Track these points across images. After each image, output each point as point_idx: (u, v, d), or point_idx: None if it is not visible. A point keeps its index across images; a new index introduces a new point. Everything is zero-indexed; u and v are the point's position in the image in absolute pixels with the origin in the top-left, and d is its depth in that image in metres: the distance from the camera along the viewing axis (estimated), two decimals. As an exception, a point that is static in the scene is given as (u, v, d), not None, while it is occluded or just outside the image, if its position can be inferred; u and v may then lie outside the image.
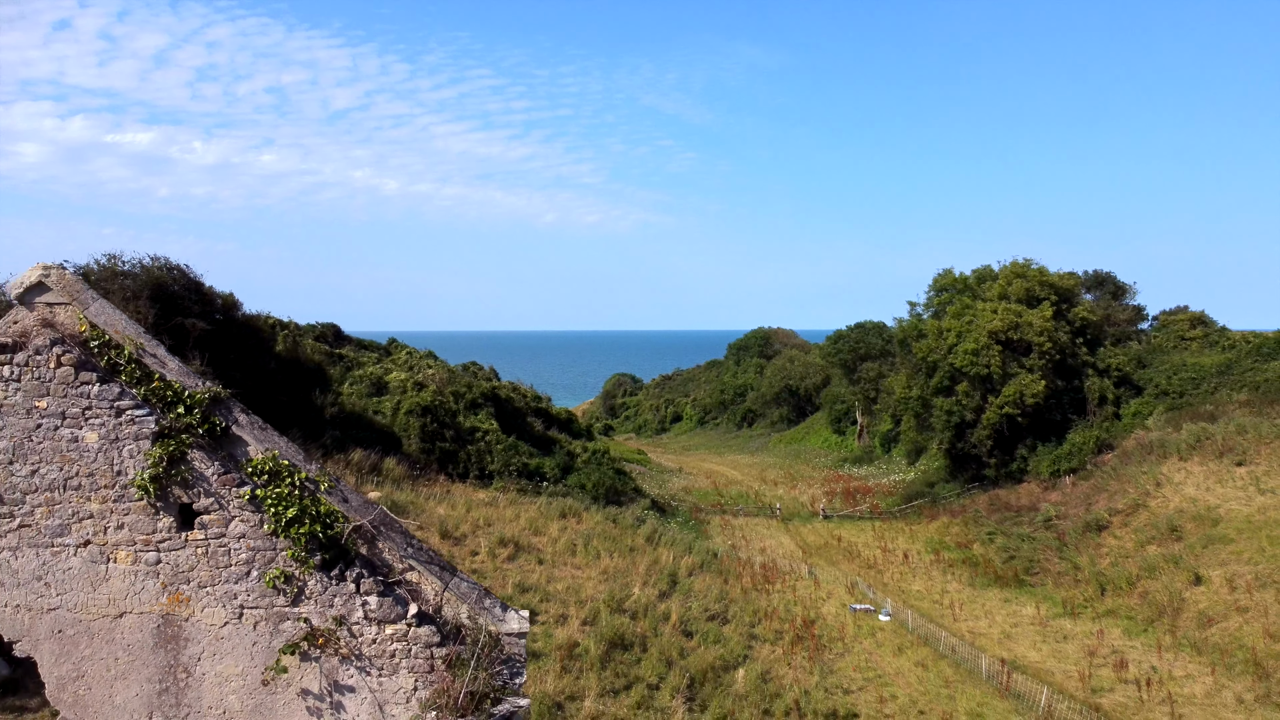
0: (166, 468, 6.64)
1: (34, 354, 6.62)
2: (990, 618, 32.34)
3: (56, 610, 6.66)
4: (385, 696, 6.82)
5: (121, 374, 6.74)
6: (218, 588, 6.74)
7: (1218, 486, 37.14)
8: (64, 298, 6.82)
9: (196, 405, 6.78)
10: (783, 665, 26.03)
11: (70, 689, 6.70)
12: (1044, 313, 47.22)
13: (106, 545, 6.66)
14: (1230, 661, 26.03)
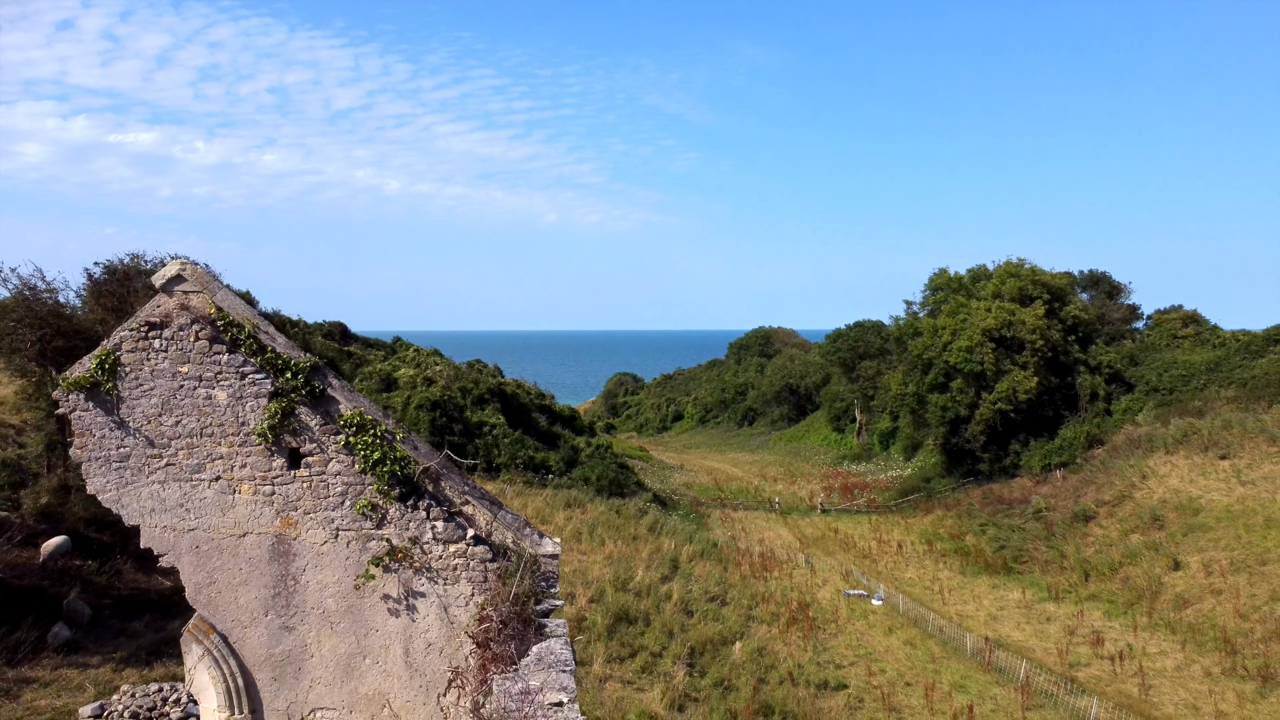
0: (280, 420, 8.62)
1: (177, 330, 8.60)
2: (978, 602, 34.30)
3: (194, 531, 8.63)
4: (449, 600, 8.79)
5: (242, 347, 8.71)
6: (319, 514, 8.71)
7: (1201, 479, 39.10)
8: (196, 287, 8.80)
9: (300, 371, 8.75)
10: (778, 643, 28.00)
11: (205, 592, 8.67)
12: (1036, 311, 49.17)
13: (233, 480, 8.63)
14: (1201, 639, 27.99)
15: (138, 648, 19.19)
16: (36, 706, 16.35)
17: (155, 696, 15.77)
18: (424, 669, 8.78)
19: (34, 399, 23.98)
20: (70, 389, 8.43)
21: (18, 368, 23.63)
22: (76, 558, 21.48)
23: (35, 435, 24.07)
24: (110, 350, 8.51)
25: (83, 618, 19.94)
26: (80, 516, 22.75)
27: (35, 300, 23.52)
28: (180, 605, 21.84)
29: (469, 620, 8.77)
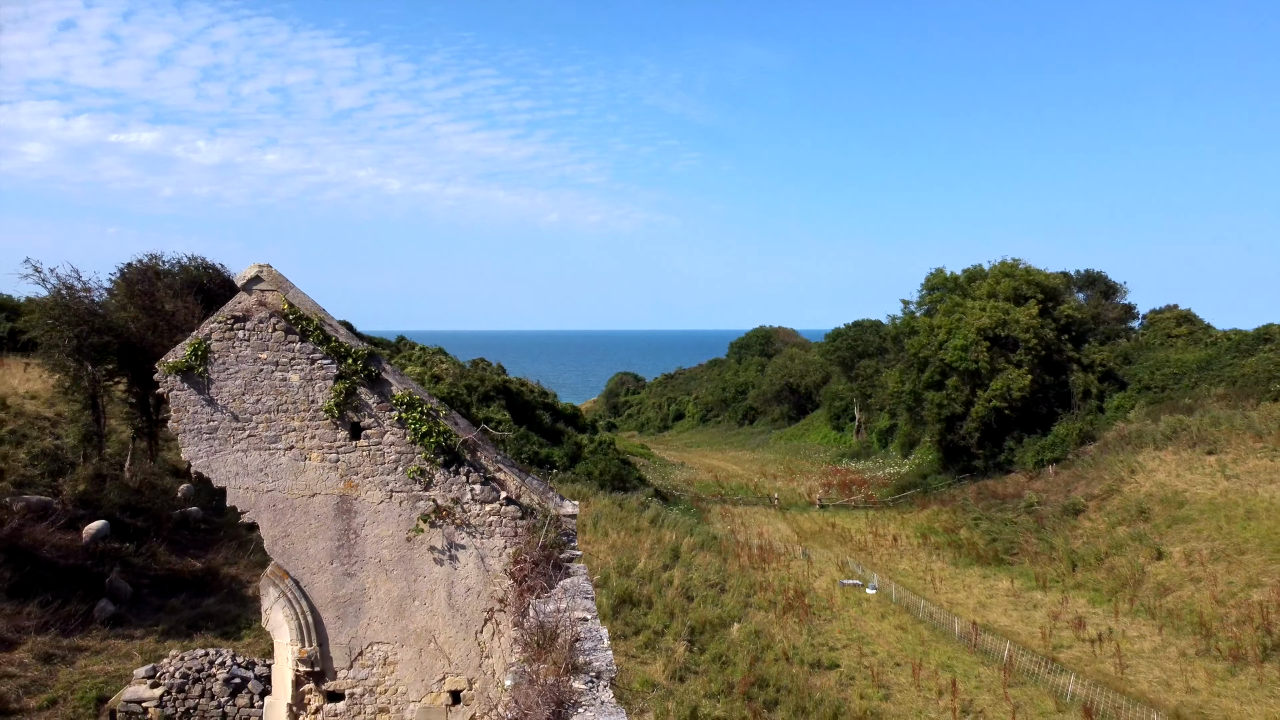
0: (343, 398, 10.35)
1: (257, 323, 10.34)
2: (968, 590, 36.05)
3: (271, 492, 10.37)
4: (485, 551, 10.54)
5: (310, 337, 10.45)
6: (376, 478, 10.44)
7: (1187, 473, 40.86)
8: (272, 286, 10.55)
9: (359, 358, 10.49)
10: (774, 627, 29.73)
11: (280, 544, 10.41)
12: (1030, 310, 50.92)
13: (304, 449, 10.37)
14: (1179, 624, 29.73)
15: (177, 621, 20.97)
16: (91, 671, 18.13)
17: (202, 660, 17.59)
18: (464, 609, 10.53)
19: (71, 392, 25.75)
20: (169, 371, 10.17)
21: (56, 363, 25.37)
22: (114, 541, 23.22)
23: (72, 427, 25.81)
24: (202, 339, 10.26)
25: (124, 595, 21.70)
26: (115, 503, 24.50)
27: (73, 299, 25.29)
28: (211, 586, 23.62)
29: (503, 568, 10.52)
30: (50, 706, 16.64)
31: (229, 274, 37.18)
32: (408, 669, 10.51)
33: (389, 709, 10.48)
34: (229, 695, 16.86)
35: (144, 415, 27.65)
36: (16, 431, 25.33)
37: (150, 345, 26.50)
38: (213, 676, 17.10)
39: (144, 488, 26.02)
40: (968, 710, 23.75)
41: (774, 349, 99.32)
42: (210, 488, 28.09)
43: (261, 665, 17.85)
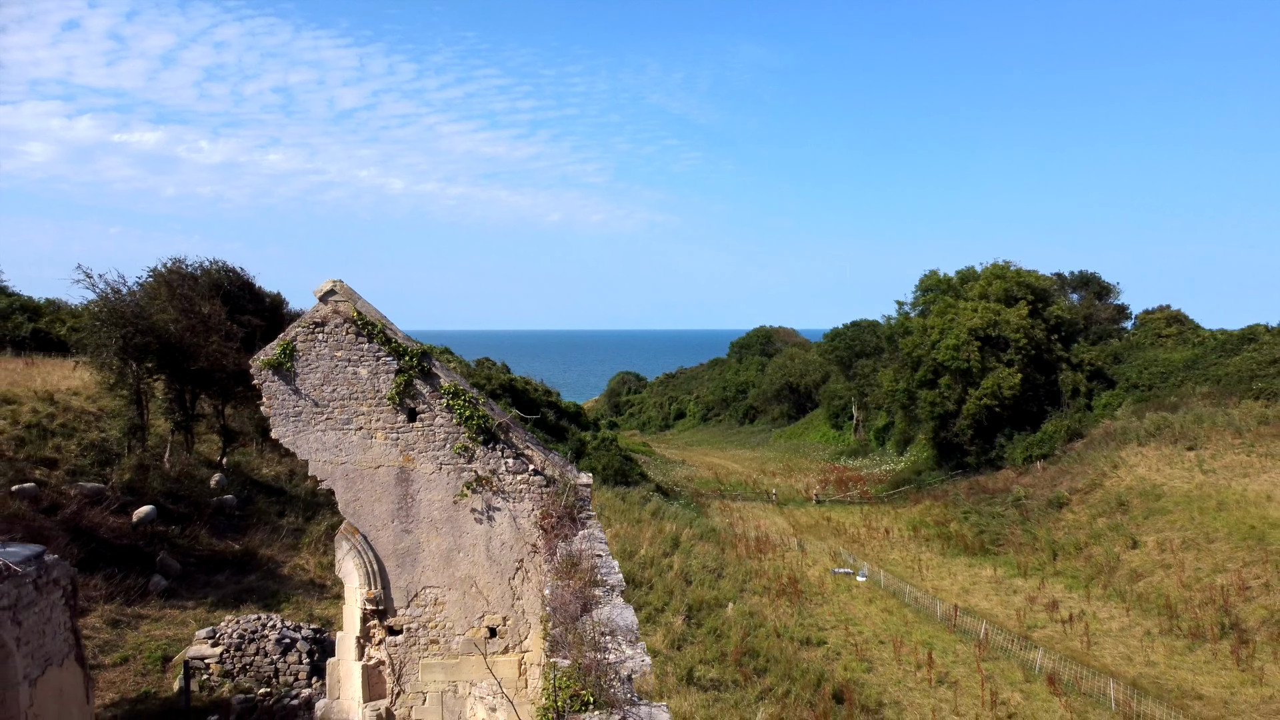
0: (402, 388, 13.04)
1: (333, 328, 13.04)
2: (953, 578, 38.76)
3: (344, 464, 13.06)
4: (516, 513, 13.24)
5: (375, 338, 13.13)
6: (428, 453, 13.13)
7: (1166, 468, 43.56)
8: (344, 298, 13.24)
9: (414, 356, 13.18)
10: (768, 608, 32.46)
11: (351, 506, 13.11)
12: (1020, 311, 53.58)
13: (371, 430, 13.06)
14: (1147, 606, 32.44)
15: (223, 594, 23.70)
16: (153, 634, 20.88)
17: (254, 623, 20.37)
18: (499, 560, 13.24)
19: (116, 388, 28.49)
20: (263, 366, 12.86)
21: (103, 362, 28.09)
22: (160, 524, 25.93)
23: (117, 421, 28.52)
24: (289, 340, 12.96)
25: (174, 571, 24.42)
26: (159, 490, 27.21)
27: (119, 302, 28.03)
28: (250, 565, 26.35)
29: (531, 526, 13.23)
30: (123, 663, 19.37)
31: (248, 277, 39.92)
32: (454, 608, 13.22)
33: (438, 640, 13.19)
34: (280, 653, 19.62)
35: (181, 410, 30.34)
36: (66, 425, 28.06)
37: (188, 345, 29.24)
38: (265, 637, 19.87)
39: (182, 477, 28.74)
40: (943, 680, 26.44)
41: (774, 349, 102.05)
42: (241, 478, 30.90)
43: (306, 629, 20.63)
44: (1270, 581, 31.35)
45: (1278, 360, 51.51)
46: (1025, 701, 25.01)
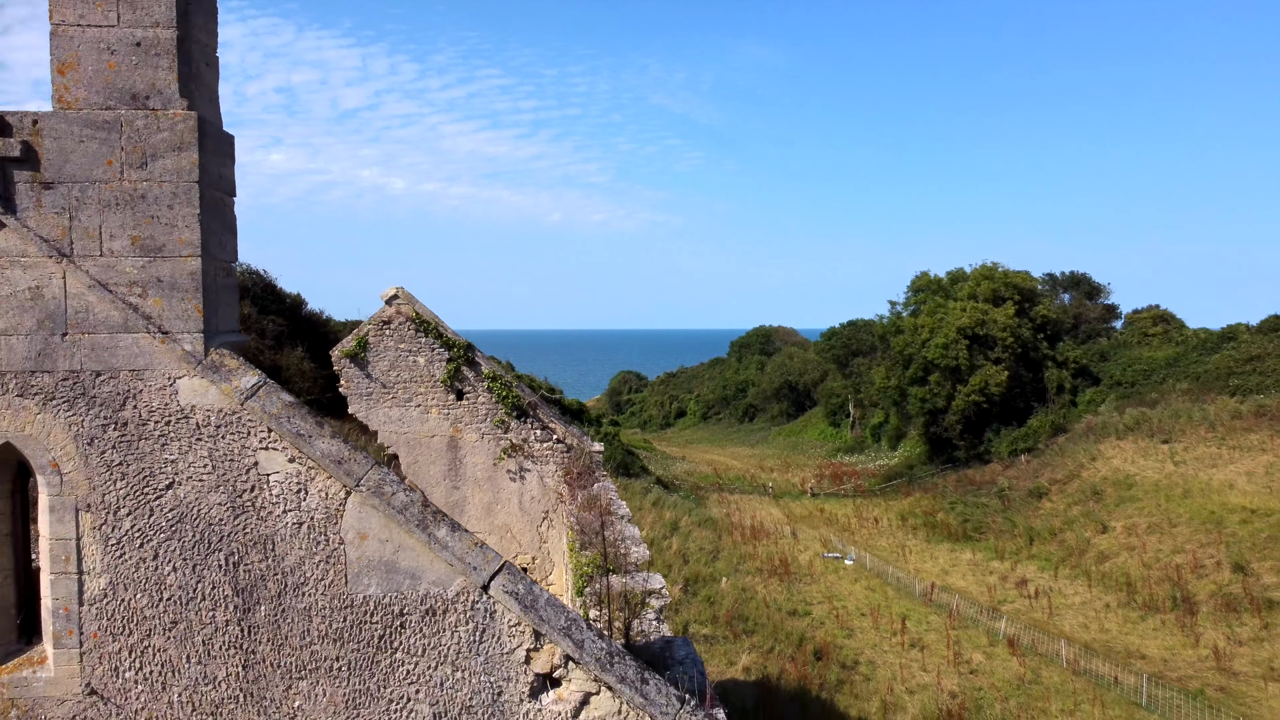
0: (452, 374, 16.82)
1: (397, 325, 16.83)
2: (935, 561, 42.55)
3: (406, 434, 16.85)
4: (543, 474, 17.02)
5: (430, 333, 16.91)
6: (473, 426, 16.91)
7: (1141, 459, 47.34)
8: (405, 301, 17.02)
9: (461, 347, 16.96)
10: (760, 586, 36.24)
11: (412, 468, 16.89)
12: (1008, 311, 57.37)
13: (426, 407, 16.84)
14: (1109, 583, 36.23)
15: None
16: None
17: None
18: (529, 511, 17.04)
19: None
20: (342, 355, 16.65)
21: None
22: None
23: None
24: (362, 335, 16.75)
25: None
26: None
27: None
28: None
29: (555, 484, 17.03)
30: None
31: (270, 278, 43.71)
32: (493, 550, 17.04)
33: (481, 576, 17.02)
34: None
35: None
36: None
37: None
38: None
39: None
40: (915, 644, 30.23)
41: (774, 348, 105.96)
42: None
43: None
44: (1221, 560, 35.13)
45: (1254, 358, 55.25)
46: (986, 661, 28.79)
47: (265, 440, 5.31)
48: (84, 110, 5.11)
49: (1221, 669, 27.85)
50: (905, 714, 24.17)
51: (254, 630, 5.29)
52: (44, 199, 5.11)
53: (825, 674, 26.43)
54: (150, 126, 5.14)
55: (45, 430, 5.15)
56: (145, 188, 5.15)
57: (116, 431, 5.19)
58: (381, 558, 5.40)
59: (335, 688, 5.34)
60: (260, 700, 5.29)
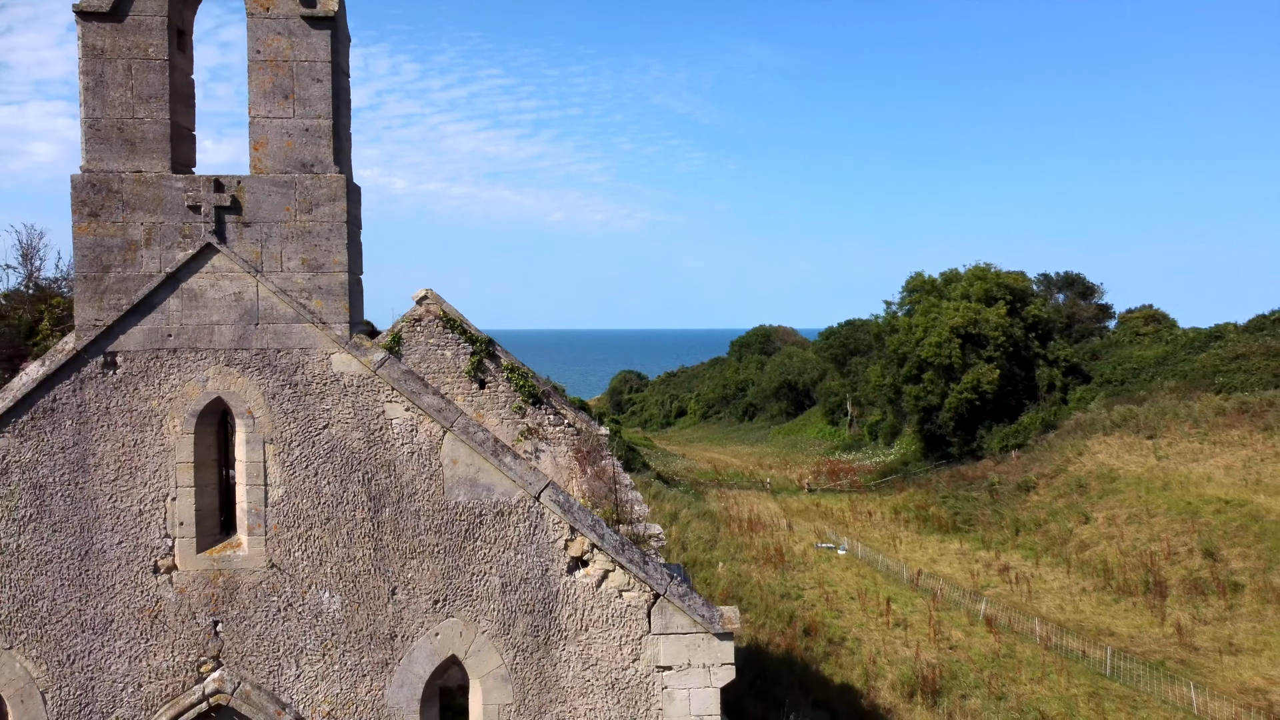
0: (475, 365, 19.50)
1: (426, 322, 19.52)
2: (924, 550, 45.23)
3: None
4: (555, 454, 19.71)
5: (455, 330, 19.60)
6: (494, 411, 19.59)
7: (1125, 454, 50.02)
8: (434, 301, 19.70)
9: (483, 342, 19.64)
10: (755, 573, 38.91)
11: (440, 448, 19.60)
12: (999, 310, 60.04)
13: (453, 395, 19.51)
14: (1087, 569, 38.90)
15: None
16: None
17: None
18: (544, 487, 19.75)
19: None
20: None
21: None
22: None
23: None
24: (396, 331, 19.44)
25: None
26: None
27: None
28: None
29: (566, 462, 19.73)
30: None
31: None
32: (511, 521, 19.75)
33: (501, 543, 19.74)
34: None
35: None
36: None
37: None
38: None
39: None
40: (899, 624, 32.91)
41: (773, 347, 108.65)
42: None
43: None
44: (1193, 548, 37.81)
45: (1240, 356, 58.00)
46: (965, 638, 31.48)
47: (389, 396, 8.02)
48: (271, 174, 7.82)
49: (1184, 644, 30.53)
50: (884, 680, 26.85)
51: (381, 525, 7.99)
52: (244, 233, 7.81)
53: (813, 646, 29.11)
54: (315, 185, 7.85)
55: (243, 388, 7.85)
56: (311, 226, 7.85)
57: (291, 389, 7.89)
58: (467, 476, 8.10)
59: (435, 564, 8.03)
60: (384, 572, 7.99)
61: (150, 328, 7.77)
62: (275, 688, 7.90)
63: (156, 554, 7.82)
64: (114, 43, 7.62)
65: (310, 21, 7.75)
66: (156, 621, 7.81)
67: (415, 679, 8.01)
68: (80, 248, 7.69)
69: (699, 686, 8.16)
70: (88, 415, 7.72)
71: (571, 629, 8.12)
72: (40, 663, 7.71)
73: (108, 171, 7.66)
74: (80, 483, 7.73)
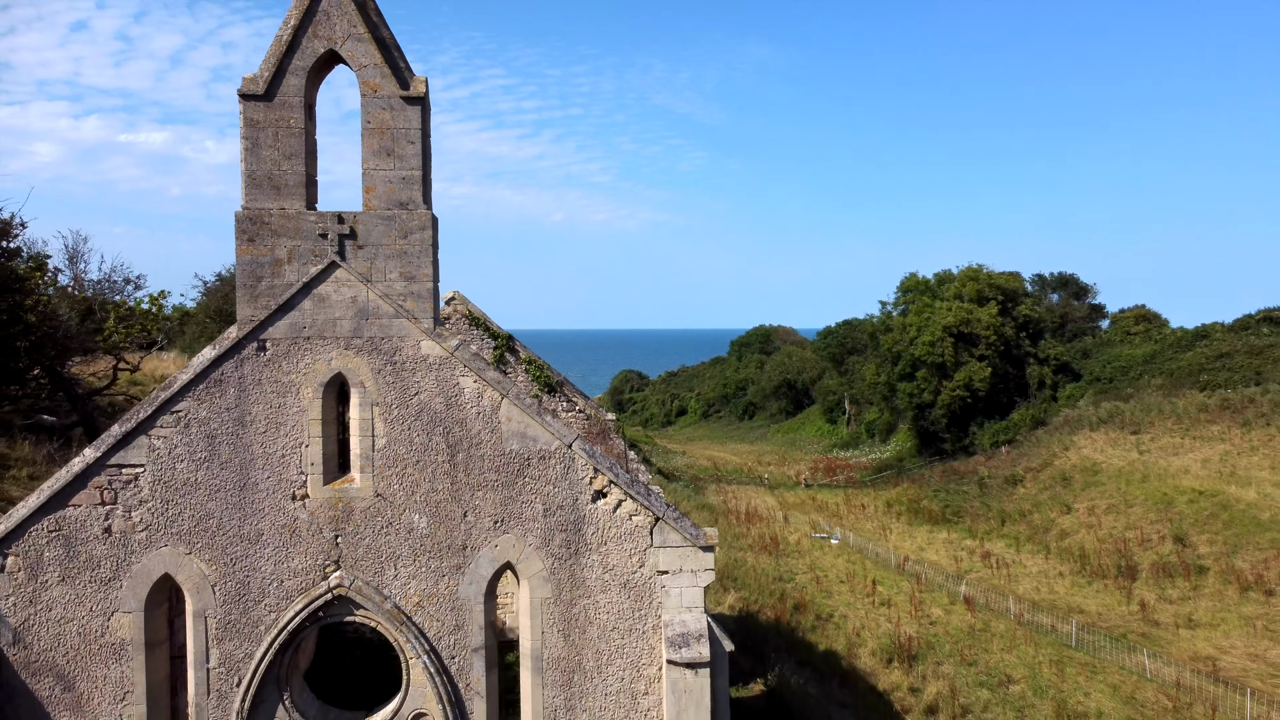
0: (498, 359, 22.74)
1: (454, 320, 22.76)
2: (913, 540, 48.49)
3: (462, 404, 22.82)
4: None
5: (479, 327, 22.84)
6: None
7: (1109, 449, 53.28)
8: (459, 301, 22.94)
9: (504, 338, 22.89)
10: (750, 559, 42.14)
11: (466, 430, 22.84)
12: (991, 310, 63.33)
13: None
14: (1065, 555, 42.17)
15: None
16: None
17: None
18: (558, 465, 23.00)
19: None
20: (413, 344, 22.60)
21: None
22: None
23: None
24: (428, 328, 22.71)
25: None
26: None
27: (227, 302, 37.85)
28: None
29: (576, 446, 22.99)
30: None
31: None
32: (529, 495, 23.01)
33: (520, 515, 22.99)
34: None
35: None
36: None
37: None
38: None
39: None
40: (884, 603, 36.14)
41: (773, 347, 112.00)
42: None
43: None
44: (1165, 535, 41.08)
45: (1224, 355, 61.29)
46: (944, 615, 34.72)
47: (462, 372, 11.28)
48: (377, 210, 11.09)
49: (1146, 620, 33.81)
50: (865, 648, 30.09)
51: (455, 465, 11.24)
52: (358, 253, 11.07)
53: (802, 620, 32.36)
54: (409, 218, 11.11)
55: (357, 366, 11.11)
56: (406, 248, 11.12)
57: (391, 367, 11.15)
58: (518, 430, 11.36)
59: (495, 495, 11.29)
60: (458, 500, 11.25)
61: (291, 321, 11.03)
62: (379, 584, 11.15)
63: (294, 486, 11.07)
64: (265, 116, 10.88)
65: (406, 100, 11.01)
66: (294, 535, 11.06)
67: (480, 578, 11.26)
68: (241, 264, 10.96)
69: (688, 585, 11.42)
70: (246, 385, 10.97)
71: (594, 543, 11.38)
72: (211, 564, 10.96)
73: (261, 209, 10.92)
74: (240, 434, 10.98)
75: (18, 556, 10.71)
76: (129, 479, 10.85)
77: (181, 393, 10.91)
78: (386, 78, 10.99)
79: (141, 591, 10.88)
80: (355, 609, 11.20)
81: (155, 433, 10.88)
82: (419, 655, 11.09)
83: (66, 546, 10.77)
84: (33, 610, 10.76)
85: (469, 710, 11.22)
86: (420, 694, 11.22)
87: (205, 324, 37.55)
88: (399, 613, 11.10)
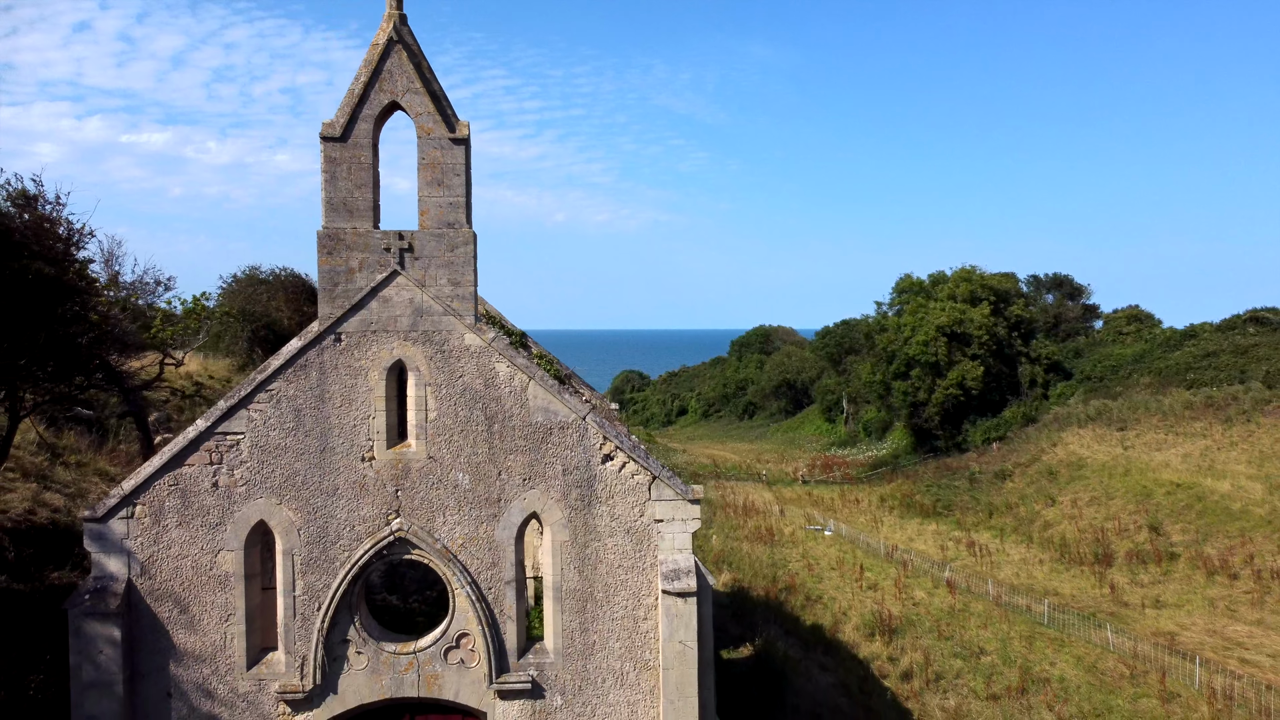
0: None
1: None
2: (904, 532, 51.58)
3: (480, 395, 25.93)
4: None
5: (495, 325, 25.95)
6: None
7: (1095, 444, 56.34)
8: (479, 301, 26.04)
9: (516, 335, 25.95)
10: (746, 547, 45.20)
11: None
12: (983, 310, 66.41)
13: (495, 376, 25.90)
14: (1047, 545, 45.25)
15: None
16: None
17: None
18: (566, 450, 26.09)
19: (245, 371, 41.37)
20: (436, 340, 25.71)
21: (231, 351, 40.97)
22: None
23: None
24: (450, 326, 25.79)
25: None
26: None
27: (249, 303, 40.96)
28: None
29: (582, 433, 26.10)
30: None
31: (311, 281, 52.98)
32: (540, 477, 26.12)
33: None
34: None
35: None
36: (216, 398, 40.86)
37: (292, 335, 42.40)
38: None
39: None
40: (872, 587, 39.20)
41: (773, 347, 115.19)
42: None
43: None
44: (1142, 525, 44.16)
45: (1210, 354, 64.36)
46: (927, 597, 37.79)
47: (498, 358, 14.37)
48: (430, 230, 14.19)
49: (1116, 601, 36.89)
50: (849, 623, 33.16)
51: (492, 435, 14.33)
52: (414, 264, 14.16)
53: (792, 600, 35.43)
54: (455, 235, 14.21)
55: (414, 354, 14.20)
56: (453, 259, 14.21)
57: (441, 355, 14.24)
58: (542, 405, 14.45)
59: (524, 457, 14.37)
60: (494, 462, 14.33)
61: (361, 318, 14.12)
62: (431, 529, 14.24)
63: (363, 450, 14.16)
64: (341, 154, 13.98)
65: (453, 141, 14.11)
66: (363, 489, 14.14)
67: (512, 525, 14.35)
68: (321, 272, 14.05)
69: (679, 531, 14.51)
70: (325, 369, 14.06)
71: (604, 496, 14.46)
72: (296, 512, 14.04)
73: (338, 228, 14.01)
74: (320, 408, 14.06)
75: (145, 505, 13.79)
76: (232, 444, 13.94)
77: (274, 375, 14.00)
78: (438, 123, 14.10)
79: (242, 534, 13.95)
80: (411, 549, 14.28)
81: (253, 407, 13.96)
82: (462, 586, 14.17)
83: (183, 497, 13.85)
84: (156, 549, 13.83)
85: (503, 631, 14.30)
86: (463, 618, 14.29)
87: (228, 321, 40.66)
88: (447, 552, 14.17)
